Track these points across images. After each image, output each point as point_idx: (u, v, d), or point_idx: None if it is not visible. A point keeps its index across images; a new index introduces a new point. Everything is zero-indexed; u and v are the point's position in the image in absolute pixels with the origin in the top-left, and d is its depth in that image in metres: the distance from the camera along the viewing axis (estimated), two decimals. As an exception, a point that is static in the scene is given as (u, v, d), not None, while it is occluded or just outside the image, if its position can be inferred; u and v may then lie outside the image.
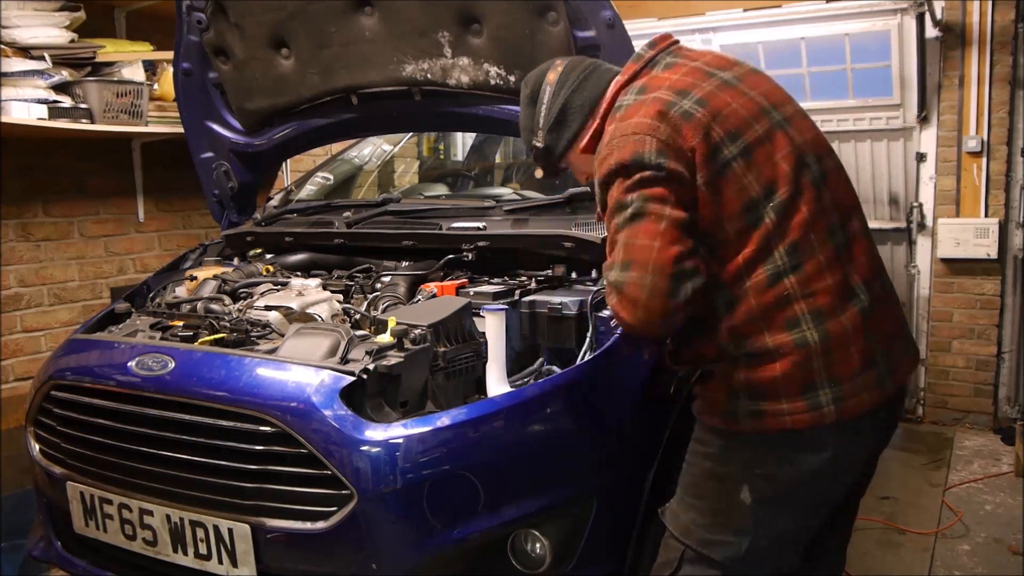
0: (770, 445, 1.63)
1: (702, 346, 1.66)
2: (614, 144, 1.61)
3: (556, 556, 1.86)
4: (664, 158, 1.55)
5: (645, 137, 1.57)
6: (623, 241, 1.57)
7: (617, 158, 1.58)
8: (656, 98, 1.62)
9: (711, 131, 1.58)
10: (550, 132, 1.80)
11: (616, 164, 1.59)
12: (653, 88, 1.65)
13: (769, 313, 1.58)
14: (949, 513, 3.39)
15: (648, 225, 1.54)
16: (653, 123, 1.58)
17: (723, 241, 1.60)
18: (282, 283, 2.42)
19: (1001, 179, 4.22)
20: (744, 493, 1.64)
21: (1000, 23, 4.11)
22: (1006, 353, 4.35)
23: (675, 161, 1.55)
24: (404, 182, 4.34)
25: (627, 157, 1.57)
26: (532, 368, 2.09)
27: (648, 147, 1.56)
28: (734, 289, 1.59)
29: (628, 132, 1.59)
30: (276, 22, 2.53)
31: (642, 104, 1.62)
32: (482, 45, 2.33)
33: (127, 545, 2.01)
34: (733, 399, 1.63)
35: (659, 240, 1.53)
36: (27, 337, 3.44)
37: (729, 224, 1.59)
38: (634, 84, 1.71)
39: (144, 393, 1.96)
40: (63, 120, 3.16)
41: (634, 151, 1.56)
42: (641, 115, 1.60)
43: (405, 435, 1.76)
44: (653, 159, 1.55)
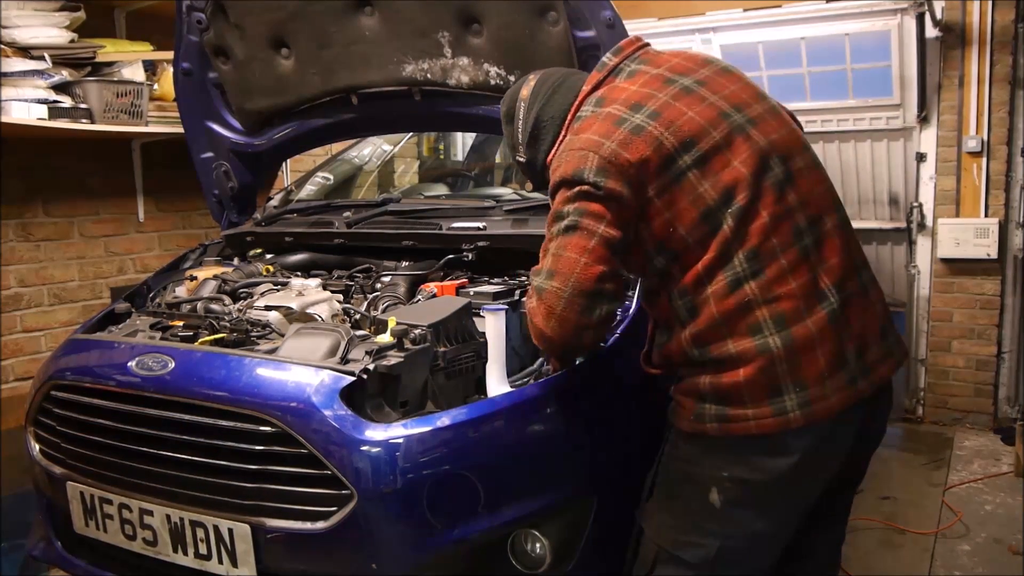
0: (737, 449, 1.63)
1: (669, 351, 1.69)
2: (562, 158, 1.65)
3: (556, 556, 1.86)
4: (603, 176, 1.58)
5: (588, 153, 1.60)
6: (553, 250, 1.62)
7: (561, 172, 1.63)
8: (608, 114, 1.65)
9: (663, 143, 1.59)
10: (528, 147, 1.84)
11: (559, 177, 1.64)
12: (610, 101, 1.68)
13: (731, 319, 1.58)
14: (949, 513, 3.39)
15: (579, 239, 1.59)
16: (598, 140, 1.61)
17: (683, 249, 1.61)
18: (282, 283, 2.42)
19: (1001, 179, 4.22)
20: (713, 495, 1.65)
21: (1000, 23, 4.11)
22: (1006, 353, 4.35)
23: (615, 180, 1.57)
24: (404, 182, 4.34)
25: (568, 172, 1.61)
26: (532, 368, 2.09)
27: (589, 163, 1.59)
28: (695, 296, 1.61)
29: (575, 147, 1.63)
30: (276, 22, 2.53)
31: (595, 119, 1.65)
32: (482, 45, 2.33)
33: (127, 545, 2.01)
34: (700, 403, 1.64)
35: (586, 256, 1.58)
36: (27, 337, 3.44)
37: (687, 233, 1.60)
38: (594, 95, 1.73)
39: (144, 393, 1.95)
40: (63, 120, 3.16)
41: (576, 167, 1.60)
42: (591, 131, 1.63)
43: (405, 435, 1.76)
44: (591, 176, 1.58)
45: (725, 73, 1.75)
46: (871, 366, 1.66)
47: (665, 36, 4.44)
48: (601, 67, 1.78)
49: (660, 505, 1.77)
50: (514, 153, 1.89)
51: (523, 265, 2.41)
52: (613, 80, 1.75)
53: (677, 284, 1.63)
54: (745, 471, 1.63)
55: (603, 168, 1.58)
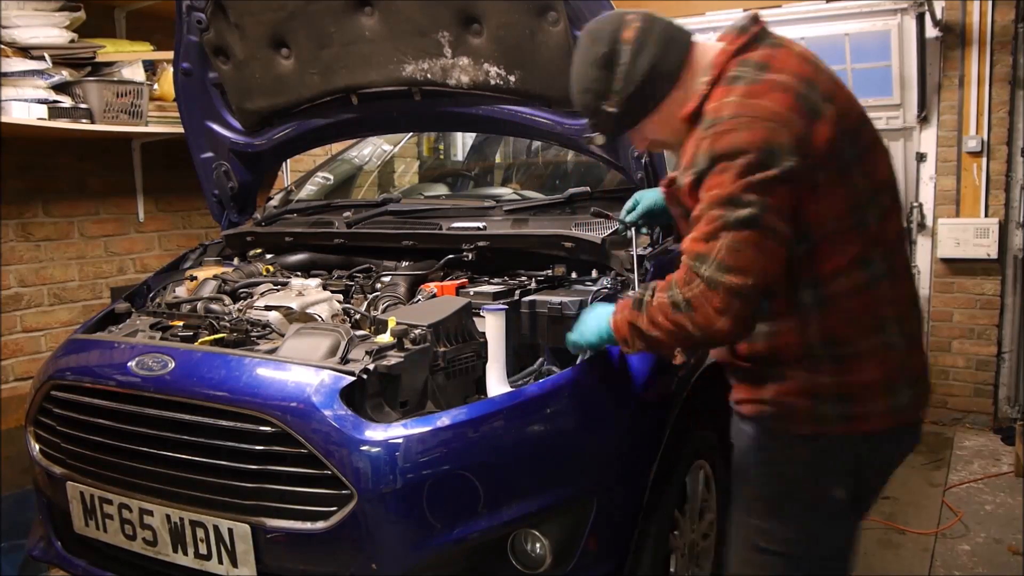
0: (857, 445, 1.65)
1: (785, 344, 1.63)
2: (740, 122, 1.51)
3: (556, 556, 1.86)
4: (792, 157, 1.48)
5: (779, 127, 1.50)
6: (730, 243, 1.49)
7: (746, 138, 1.49)
8: (786, 84, 1.54)
9: (838, 130, 1.55)
10: (631, 96, 1.62)
11: (739, 144, 1.49)
12: (775, 68, 1.56)
13: (864, 315, 1.60)
14: (949, 513, 3.39)
15: (760, 238, 1.49)
16: (787, 114, 1.51)
17: (823, 238, 1.57)
18: (282, 283, 2.42)
19: (1001, 179, 4.22)
20: (839, 491, 1.68)
21: (1000, 23, 4.11)
22: (1006, 353, 4.35)
23: (800, 159, 1.49)
24: (404, 182, 4.33)
25: (757, 141, 1.48)
26: (532, 368, 2.09)
27: (780, 138, 1.49)
28: (829, 287, 1.58)
29: (760, 115, 1.50)
30: (276, 22, 2.53)
31: (771, 86, 1.54)
32: (482, 45, 2.33)
33: (127, 545, 2.02)
34: (819, 404, 1.63)
35: (766, 256, 1.50)
36: (27, 337, 3.44)
37: (835, 222, 1.57)
38: (749, 57, 1.60)
39: (144, 393, 1.96)
40: (63, 120, 3.16)
41: (766, 139, 1.49)
42: (772, 100, 1.52)
43: (405, 435, 1.76)
44: (781, 155, 1.48)
45: None
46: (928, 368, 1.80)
47: (665, 36, 4.44)
48: (741, 31, 1.63)
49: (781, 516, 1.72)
50: (599, 101, 1.65)
51: (523, 265, 2.42)
52: (760, 47, 1.62)
53: (811, 273, 1.58)
54: (865, 464, 1.68)
55: (792, 147, 1.49)
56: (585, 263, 2.31)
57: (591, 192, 2.55)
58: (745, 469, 1.77)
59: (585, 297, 2.12)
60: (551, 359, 2.15)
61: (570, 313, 2.11)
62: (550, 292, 2.24)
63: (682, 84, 1.63)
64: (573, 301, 2.12)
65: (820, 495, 1.68)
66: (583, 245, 2.27)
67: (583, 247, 2.27)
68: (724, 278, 1.49)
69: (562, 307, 2.12)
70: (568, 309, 2.12)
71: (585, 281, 2.30)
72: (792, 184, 1.49)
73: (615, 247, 2.25)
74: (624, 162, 2.35)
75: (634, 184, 2.36)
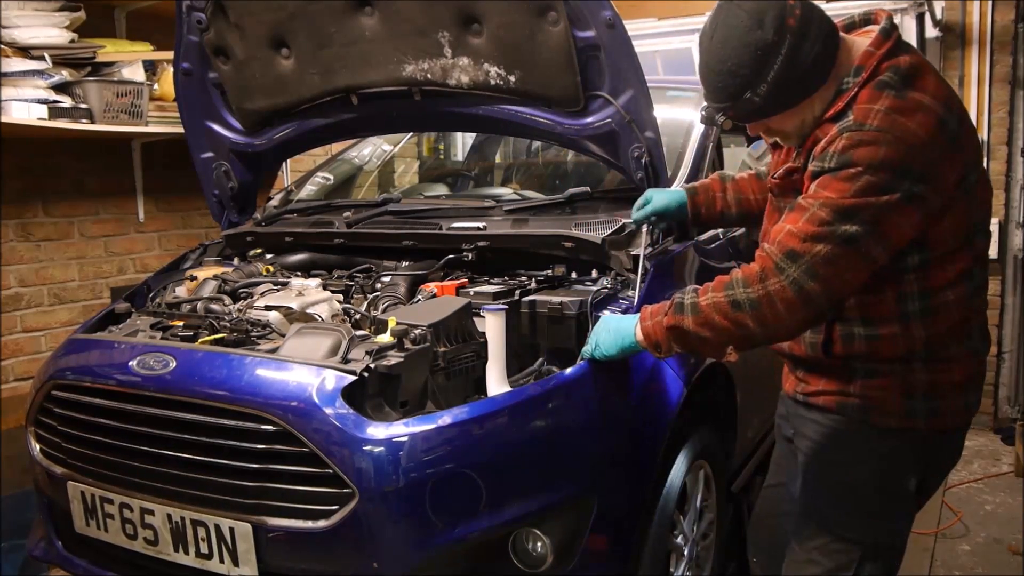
0: (935, 441, 1.75)
1: (884, 346, 1.69)
2: (884, 137, 1.49)
3: (557, 555, 1.86)
4: (920, 184, 1.50)
5: (917, 152, 1.50)
6: (828, 253, 1.51)
7: (882, 154, 1.48)
8: (929, 107, 1.53)
9: (966, 156, 1.60)
10: (782, 88, 1.55)
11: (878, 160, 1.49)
12: (920, 86, 1.55)
13: (962, 324, 1.69)
14: (949, 513, 3.39)
15: (855, 259, 1.53)
16: (928, 140, 1.50)
17: (940, 255, 1.63)
18: (282, 283, 2.42)
19: (1001, 179, 4.23)
20: (911, 483, 1.76)
21: (1000, 23, 4.11)
22: (1006, 353, 4.35)
23: (930, 187, 1.52)
24: (404, 182, 4.33)
25: (892, 161, 1.48)
26: (532, 368, 2.09)
27: (915, 164, 1.50)
28: (936, 299, 1.65)
29: (903, 136, 1.49)
30: (276, 22, 2.53)
31: (917, 107, 1.52)
32: (482, 45, 2.33)
33: (128, 545, 2.01)
34: (909, 399, 1.70)
35: (850, 276, 1.55)
36: (27, 337, 3.44)
37: (951, 241, 1.63)
38: (897, 63, 1.56)
39: (145, 392, 1.95)
40: (63, 120, 3.16)
41: (901, 161, 1.49)
42: (917, 123, 1.51)
43: (407, 434, 1.76)
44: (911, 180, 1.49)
45: None
46: None
47: (665, 36, 4.45)
48: (887, 33, 1.59)
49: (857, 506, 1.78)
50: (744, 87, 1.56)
51: (523, 265, 2.42)
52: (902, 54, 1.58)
53: (921, 284, 1.64)
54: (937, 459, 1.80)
55: (922, 174, 1.50)
56: (585, 263, 2.31)
57: (591, 192, 2.56)
58: (820, 459, 1.82)
59: (585, 297, 2.12)
60: (551, 359, 2.15)
61: (570, 313, 2.12)
62: (550, 292, 2.24)
63: (829, 81, 1.59)
64: (573, 301, 2.12)
65: (896, 485, 1.76)
66: (583, 245, 2.27)
67: (583, 247, 2.27)
68: (809, 284, 1.52)
69: (562, 307, 2.12)
70: (568, 309, 2.12)
71: (585, 281, 2.30)
72: (913, 208, 1.52)
73: (615, 247, 2.25)
74: (624, 162, 2.35)
75: (634, 184, 2.36)
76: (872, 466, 1.76)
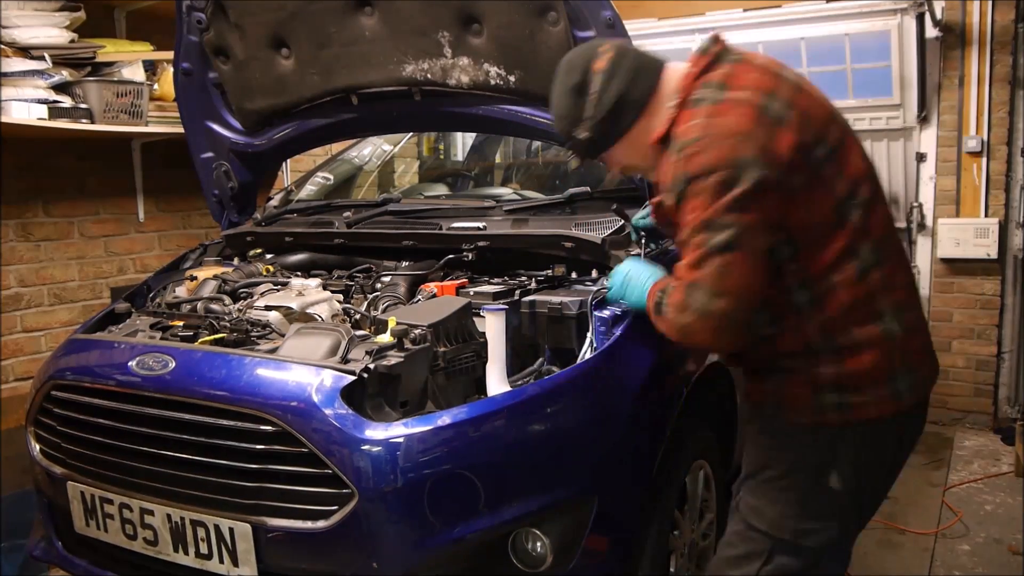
0: (856, 434, 1.69)
1: (782, 345, 1.69)
2: (705, 143, 1.58)
3: (557, 555, 1.86)
4: (758, 168, 1.54)
5: (742, 142, 1.56)
6: (717, 268, 1.57)
7: (710, 158, 1.56)
8: (747, 100, 1.60)
9: (803, 134, 1.60)
10: (600, 123, 1.72)
11: (709, 163, 1.56)
12: (736, 86, 1.63)
13: (859, 307, 1.64)
14: (949, 513, 3.39)
15: (743, 260, 1.57)
16: (749, 127, 1.57)
17: (811, 240, 1.63)
18: (282, 283, 2.42)
19: (1001, 179, 4.22)
20: (834, 480, 1.71)
21: (1000, 23, 4.11)
22: (1006, 353, 4.35)
23: (769, 170, 1.55)
24: (404, 182, 4.33)
25: (724, 159, 1.55)
26: (532, 368, 2.09)
27: (745, 152, 1.55)
28: (820, 286, 1.64)
29: (723, 133, 1.57)
30: (276, 22, 2.53)
31: (734, 104, 1.60)
32: (482, 45, 2.33)
33: (128, 545, 2.02)
34: (818, 393, 1.67)
35: (751, 277, 1.58)
36: (27, 337, 3.43)
37: (819, 224, 1.63)
38: (710, 78, 1.67)
39: (145, 393, 1.96)
40: (63, 120, 3.16)
41: (731, 155, 1.55)
42: (735, 116, 1.59)
43: (406, 434, 1.76)
44: (748, 168, 1.54)
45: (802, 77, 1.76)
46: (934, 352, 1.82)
47: (665, 36, 4.45)
48: (703, 52, 1.71)
49: (771, 497, 1.76)
50: (572, 127, 1.74)
51: (523, 265, 2.42)
52: (721, 66, 1.68)
53: (799, 275, 1.64)
54: (862, 455, 1.71)
55: (758, 158, 1.55)
56: (585, 263, 2.31)
57: (591, 192, 2.56)
58: (750, 450, 1.83)
59: (585, 297, 2.12)
60: (551, 359, 2.15)
61: (570, 313, 2.12)
62: (550, 292, 2.24)
63: (651, 111, 1.71)
64: (573, 301, 2.12)
65: (816, 483, 1.72)
66: (583, 245, 2.27)
67: (583, 247, 2.27)
68: (715, 304, 1.58)
69: (562, 307, 2.12)
70: (568, 309, 2.12)
71: (585, 281, 2.30)
72: (766, 194, 1.56)
73: (615, 247, 2.25)
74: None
75: (635, 185, 2.36)
76: (789, 461, 1.74)
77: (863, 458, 1.72)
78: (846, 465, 1.70)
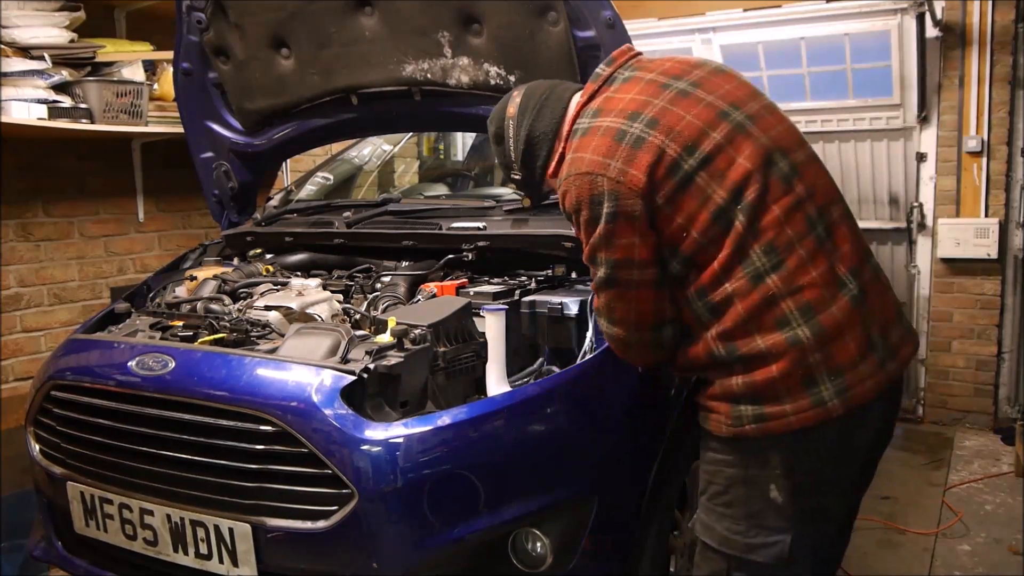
0: (781, 446, 1.62)
1: (694, 354, 1.68)
2: (570, 181, 1.65)
3: (557, 555, 1.86)
4: (613, 202, 1.59)
5: (596, 177, 1.60)
6: (604, 301, 1.71)
7: (574, 197, 1.64)
8: (607, 128, 1.63)
9: (665, 151, 1.59)
10: (523, 165, 1.83)
11: (573, 204, 1.65)
12: (606, 111, 1.67)
13: (757, 314, 1.57)
14: (949, 513, 3.39)
15: (621, 293, 1.66)
16: (602, 160, 1.60)
17: (697, 251, 1.61)
18: (282, 283, 2.42)
19: (1001, 179, 4.22)
20: (773, 492, 1.64)
21: (1000, 23, 4.11)
22: (1006, 353, 4.35)
23: (629, 198, 1.58)
24: (404, 182, 4.34)
25: (583, 198, 1.62)
26: (532, 368, 2.09)
27: (599, 188, 1.60)
28: (714, 295, 1.60)
29: (582, 170, 1.62)
30: (276, 22, 2.53)
31: (594, 133, 1.65)
32: (482, 45, 2.33)
33: (128, 545, 2.02)
34: (735, 405, 1.62)
35: (633, 306, 1.67)
36: (27, 337, 3.43)
37: (700, 234, 1.59)
38: (590, 106, 1.73)
39: (144, 393, 1.96)
40: (63, 120, 3.16)
41: (589, 194, 1.61)
42: (592, 150, 1.62)
43: (406, 434, 1.76)
44: (604, 203, 1.59)
45: (719, 73, 1.74)
46: (895, 347, 1.68)
47: (665, 36, 4.45)
48: (595, 78, 1.77)
49: (718, 514, 1.71)
50: (508, 172, 1.89)
51: (523, 265, 2.42)
52: (607, 90, 1.73)
53: (694, 285, 1.62)
54: (795, 463, 1.62)
55: (614, 191, 1.58)
56: (585, 263, 2.31)
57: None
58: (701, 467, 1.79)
59: (585, 297, 2.12)
60: (551, 359, 2.15)
61: (570, 313, 2.12)
62: (550, 292, 2.24)
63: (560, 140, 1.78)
64: (573, 301, 2.12)
65: (756, 496, 1.66)
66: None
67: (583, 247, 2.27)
68: (612, 331, 1.74)
69: (562, 307, 2.12)
70: (568, 309, 2.12)
71: (585, 281, 2.29)
72: (628, 224, 1.59)
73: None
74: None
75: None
76: (727, 476, 1.68)
77: (799, 467, 1.63)
78: (781, 477, 1.63)
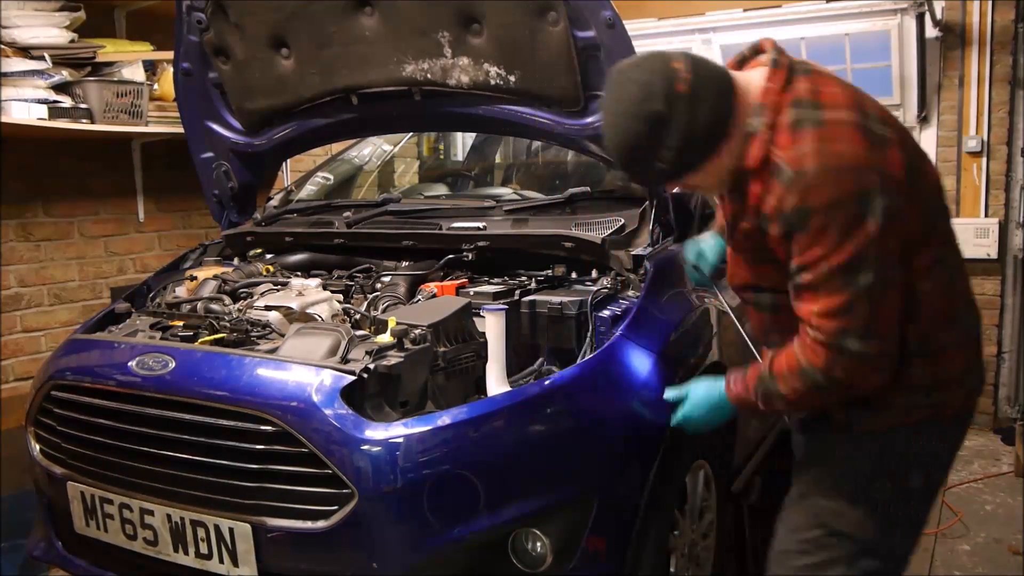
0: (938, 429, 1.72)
1: None
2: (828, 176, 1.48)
3: (557, 555, 1.86)
4: (885, 198, 1.48)
5: (864, 171, 1.49)
6: (866, 311, 1.52)
7: (836, 191, 1.48)
8: (848, 121, 1.52)
9: (903, 150, 1.57)
10: (687, 151, 1.54)
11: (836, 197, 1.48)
12: (829, 103, 1.54)
13: (947, 311, 1.67)
14: (949, 513, 3.38)
15: (888, 296, 1.54)
16: (864, 153, 1.50)
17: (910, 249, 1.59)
18: (282, 283, 2.42)
19: (1001, 179, 4.22)
20: (914, 479, 1.72)
21: (1000, 23, 4.11)
22: (1006, 353, 4.34)
23: (893, 195, 1.50)
24: (404, 182, 4.33)
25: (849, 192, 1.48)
26: (532, 368, 2.09)
27: (870, 182, 1.48)
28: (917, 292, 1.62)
29: (843, 164, 1.49)
30: (276, 22, 2.53)
31: (837, 126, 1.52)
32: (482, 45, 2.33)
33: (128, 545, 2.02)
34: (910, 395, 1.67)
35: (894, 311, 1.57)
36: (27, 337, 3.43)
37: (915, 233, 1.59)
38: (797, 94, 1.56)
39: (144, 393, 1.96)
40: (63, 120, 3.16)
41: (857, 188, 1.48)
42: (846, 144, 1.50)
43: (406, 434, 1.76)
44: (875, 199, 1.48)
45: None
46: None
47: (665, 36, 4.45)
48: (776, 64, 1.59)
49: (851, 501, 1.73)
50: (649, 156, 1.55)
51: (523, 265, 2.42)
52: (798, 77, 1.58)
53: None
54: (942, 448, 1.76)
55: (884, 187, 1.49)
56: (585, 263, 2.31)
57: (591, 192, 2.55)
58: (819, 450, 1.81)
59: (585, 297, 2.12)
60: (551, 359, 2.15)
61: (570, 313, 2.12)
62: (550, 292, 2.24)
63: (731, 132, 1.56)
64: (573, 301, 2.12)
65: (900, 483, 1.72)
66: (583, 245, 2.27)
67: (583, 247, 2.27)
68: (872, 347, 1.54)
69: (562, 307, 2.13)
70: (568, 309, 2.12)
71: (585, 281, 2.30)
72: (895, 222, 1.51)
73: (615, 247, 2.25)
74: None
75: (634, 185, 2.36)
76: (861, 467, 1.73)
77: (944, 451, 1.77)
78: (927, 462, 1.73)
